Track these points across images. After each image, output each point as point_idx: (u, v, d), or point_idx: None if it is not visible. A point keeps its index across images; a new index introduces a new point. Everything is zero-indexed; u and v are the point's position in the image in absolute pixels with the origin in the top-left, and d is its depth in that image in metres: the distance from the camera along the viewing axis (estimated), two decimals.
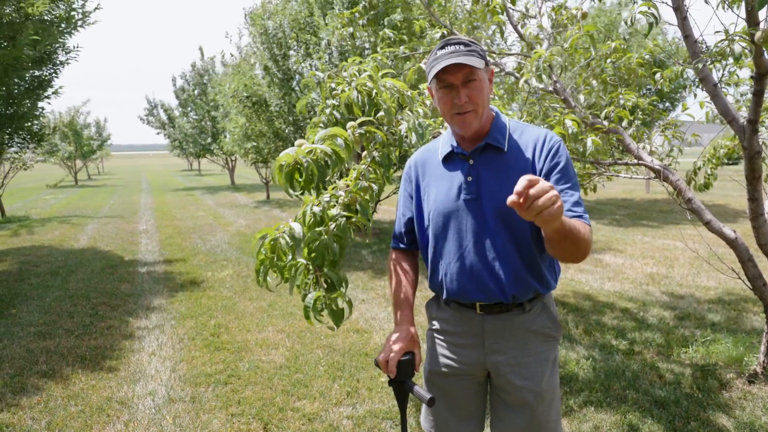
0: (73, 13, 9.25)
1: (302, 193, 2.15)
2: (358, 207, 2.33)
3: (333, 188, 2.38)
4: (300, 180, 2.11)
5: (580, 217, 1.92)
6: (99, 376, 4.93)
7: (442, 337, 2.30)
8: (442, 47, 2.00)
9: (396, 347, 2.08)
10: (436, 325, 2.34)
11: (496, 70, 4.76)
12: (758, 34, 3.01)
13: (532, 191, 1.46)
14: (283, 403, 4.37)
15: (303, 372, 4.95)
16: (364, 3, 5.25)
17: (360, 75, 2.92)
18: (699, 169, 5.58)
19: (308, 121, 10.60)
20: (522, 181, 1.46)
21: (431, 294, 2.39)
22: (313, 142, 2.18)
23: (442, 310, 2.30)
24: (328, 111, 2.81)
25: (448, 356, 2.26)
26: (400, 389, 2.09)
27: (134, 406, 4.39)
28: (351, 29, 5.40)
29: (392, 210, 16.65)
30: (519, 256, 2.06)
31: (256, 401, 4.40)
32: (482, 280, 2.09)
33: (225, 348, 5.56)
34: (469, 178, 2.09)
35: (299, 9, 11.28)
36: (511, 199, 1.47)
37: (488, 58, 2.12)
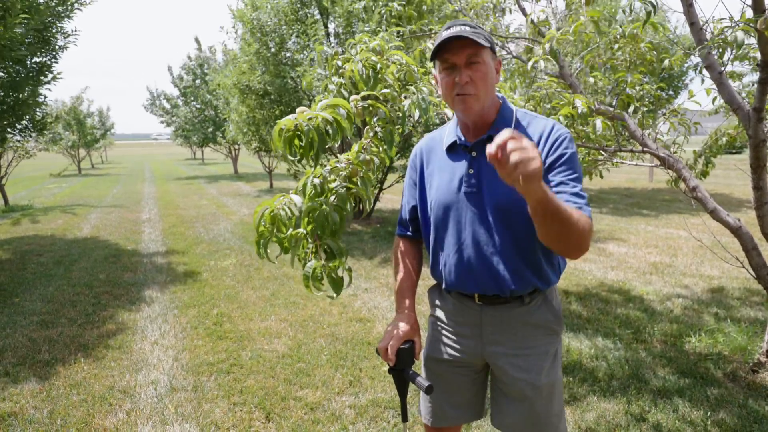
0: None
1: (300, 160, 2.13)
2: (358, 180, 2.31)
3: (335, 161, 2.36)
4: (299, 146, 2.08)
5: (580, 208, 1.85)
6: (101, 365, 4.93)
7: (441, 325, 2.30)
8: (447, 28, 1.96)
9: (396, 335, 2.07)
10: (436, 312, 2.34)
11: (504, 53, 4.73)
12: (761, 21, 2.98)
13: (510, 145, 1.46)
14: (285, 392, 4.37)
15: (305, 361, 4.95)
16: None
17: (369, 47, 2.89)
18: (699, 156, 5.57)
19: (311, 99, 10.58)
20: (504, 133, 1.47)
21: (434, 281, 2.38)
22: (314, 110, 2.16)
23: (442, 299, 2.30)
24: (333, 88, 2.78)
25: (447, 344, 2.26)
26: (399, 377, 2.09)
27: (136, 395, 4.39)
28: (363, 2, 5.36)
29: (395, 199, 16.64)
30: (518, 251, 2.03)
31: (259, 390, 4.40)
32: (479, 275, 2.08)
33: (227, 337, 5.56)
34: (471, 171, 2.06)
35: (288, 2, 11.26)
36: (490, 150, 1.47)
37: (495, 44, 2.07)
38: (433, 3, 5.10)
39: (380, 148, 2.45)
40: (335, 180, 2.29)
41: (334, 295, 2.27)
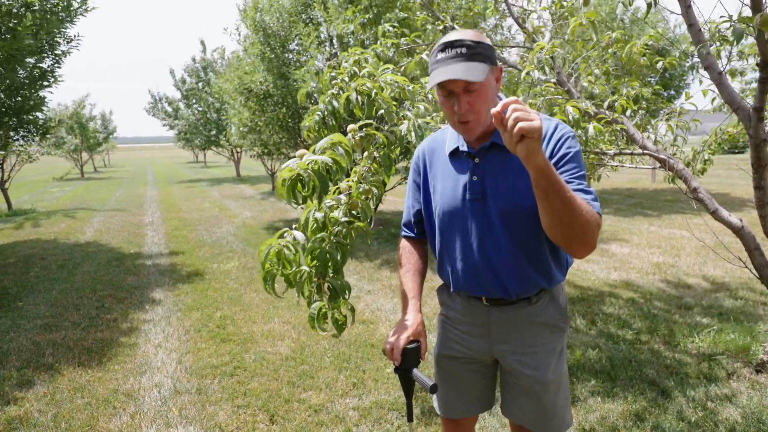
0: (72, 0, 9.25)
1: (304, 202, 2.16)
2: (359, 211, 2.34)
3: (335, 191, 2.38)
4: (302, 192, 2.11)
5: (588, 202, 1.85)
6: (105, 369, 4.95)
7: (451, 324, 2.33)
8: (443, 50, 1.92)
9: (402, 336, 2.10)
10: (445, 311, 2.36)
11: (499, 63, 4.74)
12: (757, 18, 2.99)
13: (512, 105, 1.53)
14: (289, 394, 4.38)
15: (309, 363, 4.96)
16: (365, 2, 5.26)
17: (360, 66, 2.90)
18: (698, 154, 5.57)
19: (308, 108, 10.61)
20: (509, 99, 1.55)
21: (441, 281, 2.40)
22: (314, 151, 2.18)
23: (451, 299, 2.33)
24: (327, 100, 2.80)
25: (457, 342, 2.30)
26: (405, 377, 2.11)
27: (140, 398, 4.40)
28: (352, 27, 5.42)
29: (397, 200, 16.65)
30: (524, 255, 2.04)
31: (262, 393, 4.41)
32: (486, 281, 2.10)
33: (231, 340, 5.57)
34: (474, 178, 2.07)
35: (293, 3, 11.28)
36: (495, 109, 1.54)
37: (494, 56, 2.07)
38: (423, 25, 5.13)
39: (379, 174, 2.47)
40: (337, 208, 2.32)
41: (338, 335, 2.32)
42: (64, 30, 9.59)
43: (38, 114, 10.46)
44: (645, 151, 4.27)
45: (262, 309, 6.57)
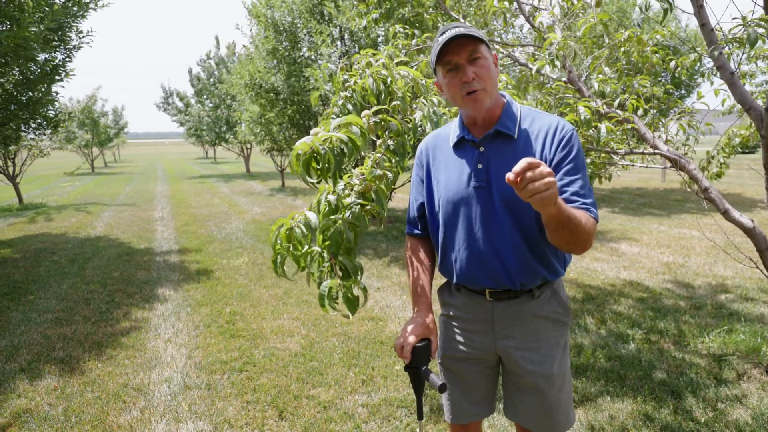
0: None
1: (319, 182, 2.16)
2: (373, 195, 2.33)
3: (348, 176, 2.39)
4: (317, 168, 2.11)
5: (587, 209, 1.94)
6: (115, 363, 4.97)
7: (453, 323, 2.33)
8: (442, 33, 2.02)
9: (412, 333, 2.10)
10: (447, 311, 2.37)
11: (509, 61, 4.73)
12: None
13: (528, 174, 1.53)
14: (298, 390, 4.39)
15: (318, 360, 4.97)
16: None
17: (374, 63, 2.91)
18: (713, 158, 5.55)
19: (321, 110, 10.65)
20: (522, 163, 1.53)
21: (444, 279, 2.40)
22: (329, 131, 2.18)
23: (453, 297, 2.33)
24: (341, 102, 2.81)
25: (461, 341, 2.30)
26: (415, 375, 2.11)
27: (150, 393, 4.42)
28: (364, 22, 5.42)
29: (406, 198, 16.59)
30: (526, 243, 2.06)
31: (272, 389, 4.42)
32: (491, 268, 2.10)
33: (240, 335, 5.59)
34: (479, 166, 2.09)
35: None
36: (508, 176, 1.55)
37: (495, 47, 2.12)
38: (434, 23, 5.14)
39: (393, 161, 2.48)
40: (349, 194, 2.32)
41: (350, 315, 2.29)
42: (75, 25, 9.61)
43: (49, 107, 10.50)
44: (656, 151, 4.26)
45: (271, 305, 6.59)
